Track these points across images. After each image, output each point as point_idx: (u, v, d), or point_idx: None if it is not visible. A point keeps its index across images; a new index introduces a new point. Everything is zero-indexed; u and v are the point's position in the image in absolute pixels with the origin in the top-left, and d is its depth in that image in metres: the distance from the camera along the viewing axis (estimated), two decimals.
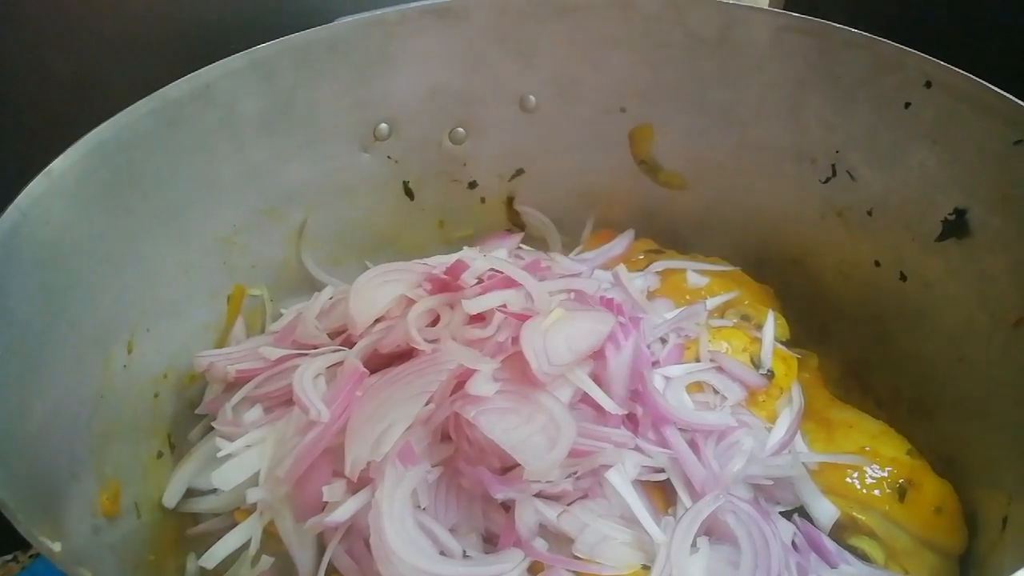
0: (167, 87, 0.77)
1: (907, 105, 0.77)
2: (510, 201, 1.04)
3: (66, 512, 0.64)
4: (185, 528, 0.78)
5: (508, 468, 0.67)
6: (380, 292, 0.80)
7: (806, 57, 0.82)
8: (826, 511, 0.73)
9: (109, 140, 0.73)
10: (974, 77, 0.72)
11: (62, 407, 0.67)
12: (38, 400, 0.64)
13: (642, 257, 0.97)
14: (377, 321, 0.79)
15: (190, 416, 0.85)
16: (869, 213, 0.85)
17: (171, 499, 0.78)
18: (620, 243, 1.00)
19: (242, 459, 0.74)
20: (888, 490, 0.74)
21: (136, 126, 0.75)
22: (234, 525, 0.73)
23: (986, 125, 0.73)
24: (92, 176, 0.72)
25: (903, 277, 0.84)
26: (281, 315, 0.93)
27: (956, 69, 0.73)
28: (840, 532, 0.74)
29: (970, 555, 0.74)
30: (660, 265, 0.93)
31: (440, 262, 0.87)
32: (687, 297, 0.90)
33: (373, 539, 0.63)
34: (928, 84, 0.75)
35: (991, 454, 0.75)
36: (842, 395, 0.88)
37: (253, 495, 0.69)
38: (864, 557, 0.73)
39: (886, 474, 0.75)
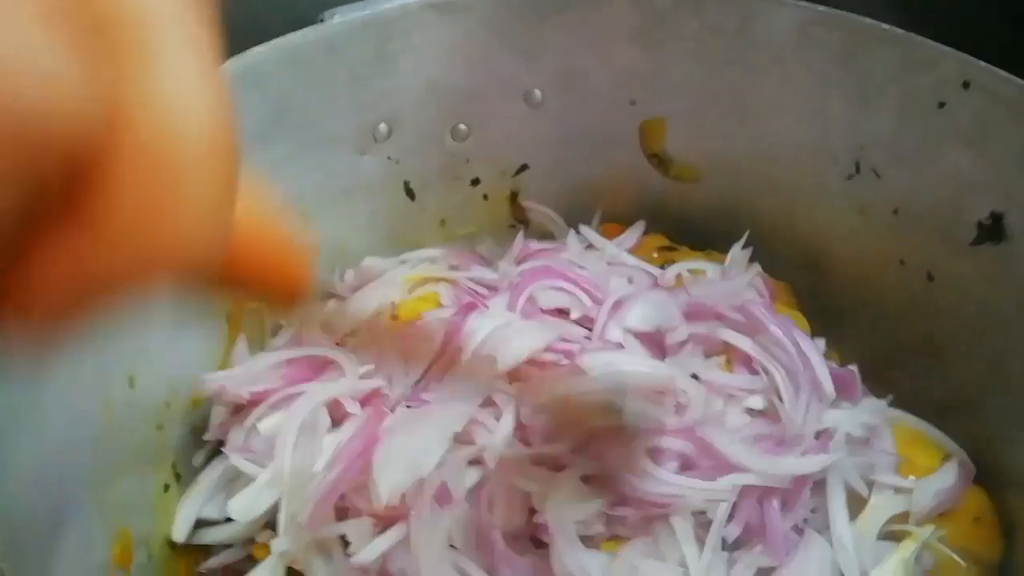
0: None
1: (941, 105, 0.74)
2: (513, 197, 1.00)
3: (70, 564, 0.60)
4: (198, 563, 0.74)
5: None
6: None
7: (832, 52, 0.78)
8: None
9: None
10: (1017, 79, 0.69)
11: (64, 450, 0.63)
12: (35, 453, 0.60)
13: (656, 256, 0.93)
14: None
15: (194, 442, 0.81)
16: (895, 212, 0.83)
17: (180, 533, 0.74)
18: (631, 236, 0.96)
19: (260, 488, 0.70)
20: None
21: None
22: (248, 556, 0.71)
23: None
24: None
25: (930, 277, 0.82)
26: (281, 327, 0.89)
27: (997, 70, 0.70)
28: None
29: (1007, 565, 0.74)
30: (677, 268, 0.89)
31: (440, 252, 0.90)
32: None
33: None
34: (966, 84, 0.72)
35: None
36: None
37: (278, 546, 0.66)
38: None
39: None
